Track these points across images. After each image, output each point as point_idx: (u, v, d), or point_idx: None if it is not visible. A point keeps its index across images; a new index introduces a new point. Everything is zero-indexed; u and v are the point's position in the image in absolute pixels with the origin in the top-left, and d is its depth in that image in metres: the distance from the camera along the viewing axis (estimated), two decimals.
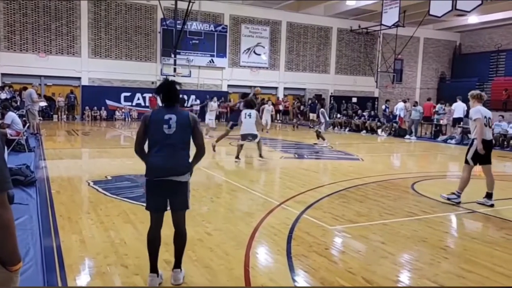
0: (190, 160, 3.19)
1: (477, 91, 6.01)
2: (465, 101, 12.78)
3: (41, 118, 13.50)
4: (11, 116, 9.66)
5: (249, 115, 8.97)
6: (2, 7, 19.88)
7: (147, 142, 3.17)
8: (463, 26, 28.43)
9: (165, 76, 22.82)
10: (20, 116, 11.44)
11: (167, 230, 3.35)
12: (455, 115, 15.65)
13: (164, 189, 3.08)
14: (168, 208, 3.18)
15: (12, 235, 1.46)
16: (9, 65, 19.99)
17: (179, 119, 3.12)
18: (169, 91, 3.21)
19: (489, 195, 5.78)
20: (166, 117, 3.11)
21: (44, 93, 20.33)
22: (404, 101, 20.01)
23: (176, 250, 3.23)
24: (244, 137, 9.05)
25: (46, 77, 21.02)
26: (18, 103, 16.61)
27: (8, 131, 9.06)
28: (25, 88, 19.31)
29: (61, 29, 21.05)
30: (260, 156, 9.34)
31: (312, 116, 20.00)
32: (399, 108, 18.99)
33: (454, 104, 15.92)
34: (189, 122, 3.14)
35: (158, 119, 3.12)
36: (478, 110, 5.80)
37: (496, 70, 28.58)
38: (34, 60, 20.55)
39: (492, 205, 5.69)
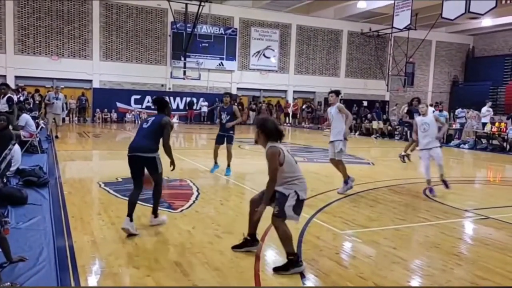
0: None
1: None
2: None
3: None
4: (25, 118, 9.86)
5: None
6: (16, 11, 20.26)
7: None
8: (477, 29, 28.11)
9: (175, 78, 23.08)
10: (33, 118, 11.62)
11: (173, 233, 3.35)
12: (484, 120, 15.49)
13: (134, 162, 4.42)
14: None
15: None
16: (23, 68, 20.34)
17: (155, 119, 4.50)
18: (157, 104, 4.65)
19: None
20: (149, 118, 4.63)
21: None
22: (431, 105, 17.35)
23: (154, 200, 4.58)
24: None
25: (58, 79, 21.30)
26: (31, 105, 16.84)
27: (22, 132, 9.21)
28: (37, 91, 19.62)
29: (73, 32, 21.36)
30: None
31: (377, 124, 18.97)
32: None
33: (484, 108, 15.80)
34: (160, 122, 4.44)
35: (145, 120, 4.69)
36: None
37: (511, 74, 28.16)
38: (47, 63, 20.88)
39: None
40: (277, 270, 3.46)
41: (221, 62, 24.35)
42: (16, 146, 6.18)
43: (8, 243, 3.27)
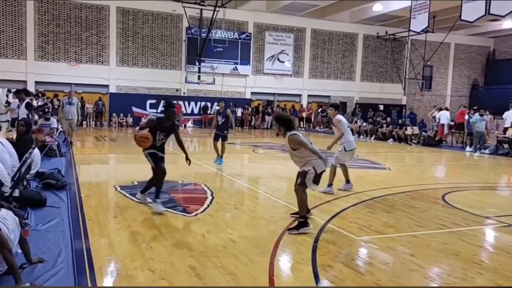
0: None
1: None
2: None
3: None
4: (55, 121, 10.39)
5: None
6: (36, 18, 20.79)
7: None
8: (497, 31, 27.43)
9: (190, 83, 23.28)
10: None
11: (188, 236, 3.35)
12: (506, 124, 14.68)
13: None
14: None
15: None
16: (42, 74, 20.82)
17: None
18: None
19: None
20: None
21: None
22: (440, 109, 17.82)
23: (147, 184, 5.63)
24: None
25: (76, 85, 21.73)
26: (50, 110, 17.21)
27: (47, 138, 9.49)
28: (56, 96, 20.03)
29: (91, 38, 21.79)
30: None
31: (412, 130, 17.65)
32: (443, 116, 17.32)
33: (506, 113, 15.01)
34: None
35: None
36: None
37: None
38: (66, 69, 21.33)
39: None
40: (290, 230, 4.58)
41: (236, 67, 24.45)
42: (36, 150, 6.32)
43: (28, 245, 3.33)
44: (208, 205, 5.79)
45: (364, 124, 21.01)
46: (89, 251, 3.81)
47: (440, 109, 18.45)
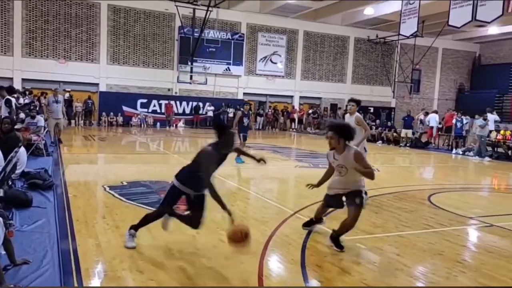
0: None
1: None
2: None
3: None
4: (41, 119, 10.14)
5: None
6: (24, 14, 20.48)
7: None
8: (483, 37, 28.01)
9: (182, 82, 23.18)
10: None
11: (177, 237, 3.34)
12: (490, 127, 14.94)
13: None
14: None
15: None
16: (30, 71, 20.51)
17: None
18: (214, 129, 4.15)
19: None
20: None
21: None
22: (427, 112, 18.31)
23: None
24: None
25: (65, 82, 21.48)
26: (37, 108, 16.96)
27: (33, 136, 9.33)
28: (43, 94, 19.75)
29: (81, 36, 21.56)
30: None
31: (406, 132, 17.55)
32: (432, 119, 17.57)
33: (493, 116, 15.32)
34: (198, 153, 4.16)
35: None
36: None
37: None
38: (54, 66, 21.05)
39: None
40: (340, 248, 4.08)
41: (228, 67, 24.44)
42: (22, 149, 6.22)
43: (12, 246, 3.28)
44: None
45: None
46: (76, 252, 3.76)
47: (427, 113, 18.72)
